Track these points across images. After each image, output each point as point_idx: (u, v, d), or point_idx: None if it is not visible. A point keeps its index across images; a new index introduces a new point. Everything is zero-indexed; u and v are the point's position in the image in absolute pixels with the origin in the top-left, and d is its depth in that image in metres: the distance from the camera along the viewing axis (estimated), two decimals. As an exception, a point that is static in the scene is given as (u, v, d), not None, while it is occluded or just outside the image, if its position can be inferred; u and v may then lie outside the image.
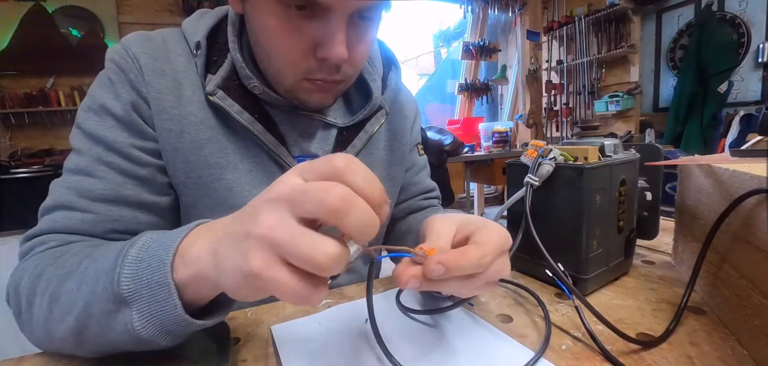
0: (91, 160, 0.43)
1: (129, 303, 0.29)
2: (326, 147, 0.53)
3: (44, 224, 0.42)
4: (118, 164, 0.43)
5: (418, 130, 0.67)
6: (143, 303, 0.29)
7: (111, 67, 0.46)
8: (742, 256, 0.37)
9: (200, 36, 0.47)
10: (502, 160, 3.15)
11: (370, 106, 0.53)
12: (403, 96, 0.62)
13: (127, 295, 0.29)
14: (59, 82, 2.46)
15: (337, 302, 0.48)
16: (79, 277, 0.32)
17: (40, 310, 0.34)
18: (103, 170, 0.43)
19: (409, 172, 0.65)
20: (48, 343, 0.36)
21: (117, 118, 0.44)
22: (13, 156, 2.28)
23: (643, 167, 0.54)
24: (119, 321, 0.30)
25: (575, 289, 0.40)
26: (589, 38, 3.63)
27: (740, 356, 0.34)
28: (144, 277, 0.29)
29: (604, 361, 0.34)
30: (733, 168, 0.39)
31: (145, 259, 0.30)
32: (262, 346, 0.39)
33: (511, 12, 4.11)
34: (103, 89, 0.45)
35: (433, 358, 0.36)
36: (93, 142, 0.44)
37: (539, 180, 0.47)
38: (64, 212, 0.41)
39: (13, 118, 2.34)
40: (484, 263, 0.30)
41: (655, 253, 0.61)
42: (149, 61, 0.45)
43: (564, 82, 3.89)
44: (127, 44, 0.46)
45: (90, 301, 0.31)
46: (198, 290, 0.29)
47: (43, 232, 0.41)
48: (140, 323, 0.29)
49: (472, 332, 0.40)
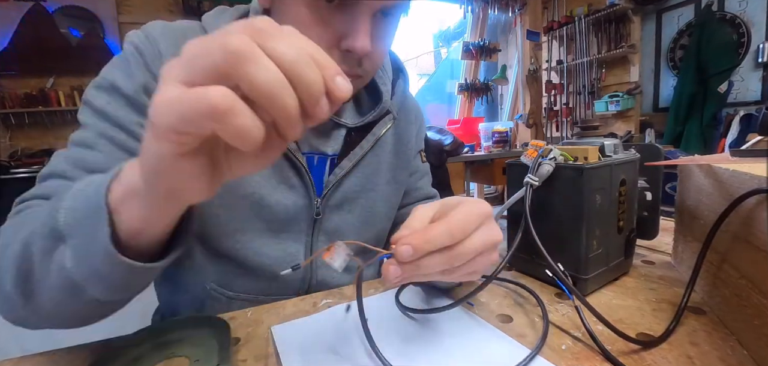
0: (95, 134, 0.43)
1: (64, 237, 0.27)
2: (335, 145, 0.55)
3: (37, 190, 0.41)
4: (121, 140, 0.43)
5: (422, 137, 0.69)
6: (77, 236, 0.27)
7: (129, 49, 0.46)
8: (742, 256, 0.37)
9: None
10: (502, 160, 3.15)
11: (379, 109, 0.54)
12: (409, 102, 0.64)
13: (62, 227, 0.27)
14: (59, 82, 2.46)
15: (337, 302, 0.48)
16: (31, 224, 0.31)
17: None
18: (104, 144, 0.43)
19: (413, 177, 0.66)
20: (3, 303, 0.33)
21: (126, 97, 0.44)
22: (13, 156, 2.28)
23: (643, 167, 0.54)
24: (55, 261, 0.28)
25: (575, 290, 0.40)
26: (589, 38, 3.63)
27: (740, 356, 0.34)
28: (81, 207, 0.27)
29: (604, 361, 0.34)
30: (733, 168, 0.39)
31: (85, 188, 0.28)
32: (262, 346, 0.39)
33: (511, 12, 4.11)
34: (116, 68, 0.46)
35: (429, 357, 0.36)
36: (99, 117, 0.44)
37: (539, 180, 0.47)
38: (58, 180, 0.41)
39: (13, 118, 2.34)
40: (455, 232, 0.29)
41: (655, 253, 0.62)
42: (170, 47, 0.46)
43: (564, 82, 3.89)
44: (149, 29, 0.47)
45: (30, 240, 0.29)
46: (130, 210, 0.26)
47: (34, 196, 0.40)
48: (72, 261, 0.27)
49: (470, 331, 0.40)
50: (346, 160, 0.53)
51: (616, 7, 3.32)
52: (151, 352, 0.38)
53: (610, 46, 3.51)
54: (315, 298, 0.50)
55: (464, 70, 4.23)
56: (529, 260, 0.54)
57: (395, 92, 0.58)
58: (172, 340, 0.39)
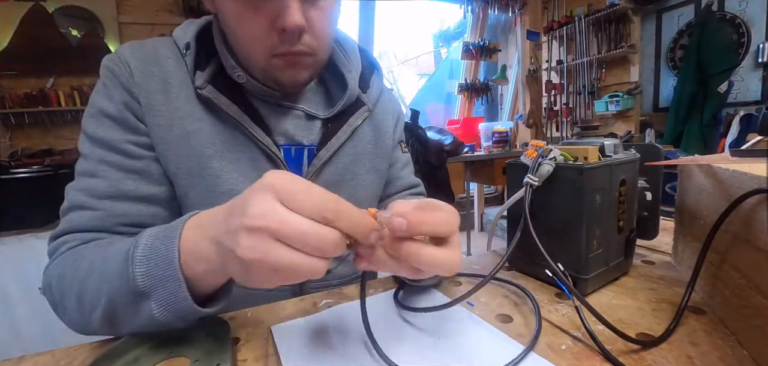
0: (94, 162, 0.48)
1: (148, 295, 0.35)
2: (312, 136, 0.56)
3: (63, 225, 0.47)
4: (117, 161, 0.48)
5: (401, 128, 0.71)
6: (159, 295, 0.35)
7: (104, 73, 0.50)
8: (742, 256, 0.37)
9: (189, 38, 0.52)
10: (502, 160, 3.15)
11: (347, 97, 0.57)
12: (385, 96, 0.67)
13: (143, 289, 0.35)
14: (59, 82, 2.45)
15: (337, 302, 0.48)
16: (98, 277, 0.38)
17: (71, 305, 0.41)
18: (104, 169, 0.47)
19: (394, 167, 0.68)
20: (87, 329, 0.42)
21: (112, 118, 0.48)
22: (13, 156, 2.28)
23: (643, 167, 0.54)
24: (142, 309, 0.35)
25: (574, 290, 0.40)
26: (589, 38, 3.63)
27: (740, 356, 0.34)
28: (156, 274, 0.34)
29: (604, 361, 0.34)
30: (733, 168, 0.39)
31: (152, 257, 0.35)
32: (262, 346, 0.39)
33: (511, 12, 4.11)
34: (99, 95, 0.50)
35: (426, 353, 0.36)
36: (95, 144, 0.48)
37: (539, 180, 0.47)
38: (77, 212, 0.47)
39: (13, 118, 2.33)
40: (439, 228, 0.31)
41: (655, 253, 0.62)
42: (139, 64, 0.50)
43: (564, 82, 3.89)
44: (120, 51, 0.51)
45: (112, 297, 0.37)
46: (210, 282, 0.35)
47: (64, 232, 0.47)
48: (158, 311, 0.35)
49: (469, 330, 0.41)
50: (323, 150, 0.54)
51: (616, 7, 3.31)
52: (151, 352, 0.38)
53: (610, 46, 3.50)
54: (315, 298, 0.50)
55: (464, 70, 4.23)
56: (529, 260, 0.54)
57: (370, 86, 0.61)
58: (172, 340, 0.39)
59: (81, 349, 0.40)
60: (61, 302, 0.43)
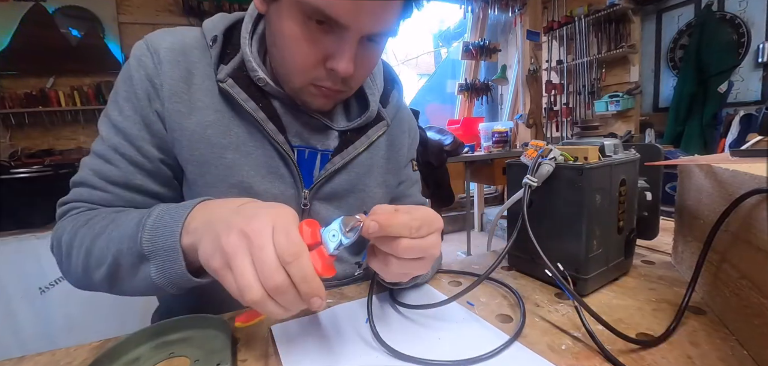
0: (110, 148, 0.50)
1: (148, 259, 0.39)
2: (327, 143, 0.57)
3: (74, 195, 0.51)
4: (130, 155, 0.50)
5: (414, 146, 0.72)
6: (159, 260, 0.39)
7: (131, 62, 0.51)
8: (742, 256, 0.37)
9: (218, 31, 0.53)
10: (503, 160, 3.15)
11: (366, 116, 0.57)
12: (403, 113, 0.67)
13: (146, 253, 0.39)
14: (59, 82, 2.45)
15: (337, 302, 0.48)
16: (108, 238, 0.43)
17: (78, 260, 0.45)
18: (118, 159, 0.50)
19: (403, 184, 0.68)
20: (87, 284, 0.46)
21: (133, 109, 0.50)
22: (13, 156, 2.28)
23: (643, 167, 0.54)
24: (142, 271, 0.40)
25: (573, 291, 0.40)
26: (589, 38, 3.62)
27: (740, 356, 0.34)
28: (159, 241, 0.38)
29: (604, 361, 0.34)
30: (733, 168, 0.39)
31: (160, 227, 0.39)
32: (262, 346, 0.39)
33: (511, 12, 4.10)
34: (122, 82, 0.51)
35: (423, 348, 0.36)
36: (113, 131, 0.50)
37: (538, 180, 0.47)
38: (88, 189, 0.50)
39: (13, 118, 2.33)
40: (413, 228, 0.34)
41: (655, 253, 0.62)
42: (168, 52, 0.51)
43: (564, 82, 3.89)
44: (150, 38, 0.52)
45: (118, 256, 0.41)
46: (195, 256, 0.37)
47: (73, 200, 0.51)
48: (156, 275, 0.39)
49: (466, 327, 0.41)
50: (338, 156, 0.55)
51: (616, 7, 3.31)
52: (151, 352, 0.38)
53: (610, 46, 3.50)
54: (315, 298, 0.50)
55: (464, 70, 4.23)
56: (529, 260, 0.54)
57: (390, 102, 0.61)
58: (172, 340, 0.39)
59: (81, 349, 0.40)
60: (67, 256, 0.46)
